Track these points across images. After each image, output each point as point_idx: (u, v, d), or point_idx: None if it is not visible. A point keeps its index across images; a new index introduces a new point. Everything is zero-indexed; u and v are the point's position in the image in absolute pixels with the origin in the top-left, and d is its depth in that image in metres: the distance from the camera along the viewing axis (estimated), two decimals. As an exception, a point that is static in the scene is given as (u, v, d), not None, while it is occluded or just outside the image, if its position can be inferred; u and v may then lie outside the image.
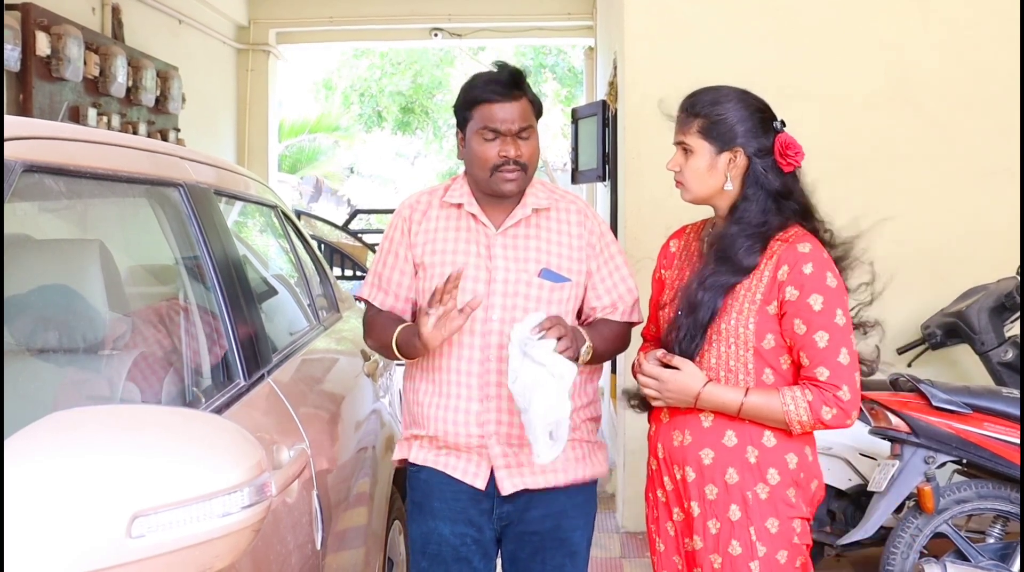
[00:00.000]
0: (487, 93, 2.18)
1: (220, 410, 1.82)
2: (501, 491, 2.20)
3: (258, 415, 1.99)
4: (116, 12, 6.75)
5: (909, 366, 4.12)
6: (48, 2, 5.62)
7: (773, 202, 2.08)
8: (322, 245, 8.58)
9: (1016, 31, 4.24)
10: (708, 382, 2.05)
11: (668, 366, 2.09)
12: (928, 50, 4.38)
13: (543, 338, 2.00)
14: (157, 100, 7.02)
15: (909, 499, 3.32)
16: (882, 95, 4.38)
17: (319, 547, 2.04)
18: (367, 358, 3.04)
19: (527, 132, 2.19)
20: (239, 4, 8.98)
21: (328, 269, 3.63)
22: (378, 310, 2.32)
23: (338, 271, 8.88)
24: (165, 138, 7.07)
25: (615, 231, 4.68)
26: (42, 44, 5.47)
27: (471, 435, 2.19)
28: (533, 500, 2.23)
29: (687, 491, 2.11)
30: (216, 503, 1.18)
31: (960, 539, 3.29)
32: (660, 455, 2.18)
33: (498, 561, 2.34)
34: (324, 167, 18.07)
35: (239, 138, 9.20)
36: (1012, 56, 4.27)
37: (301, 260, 3.23)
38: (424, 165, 21.76)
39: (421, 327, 2.07)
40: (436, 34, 9.39)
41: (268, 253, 3.38)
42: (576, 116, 7.11)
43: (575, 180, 7.22)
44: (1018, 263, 3.90)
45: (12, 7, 5.34)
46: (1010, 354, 3.85)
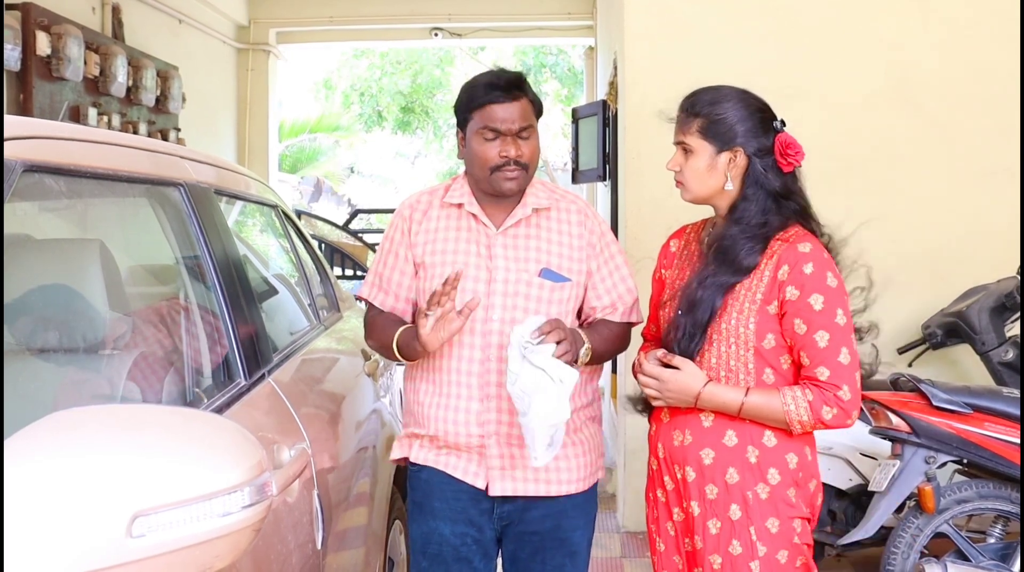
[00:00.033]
0: (488, 93, 2.18)
1: (221, 410, 1.82)
2: (490, 491, 2.20)
3: (259, 415, 1.99)
4: (116, 12, 6.75)
5: (910, 366, 4.12)
6: (48, 2, 5.62)
7: (773, 202, 2.08)
8: (322, 245, 8.58)
9: (1016, 31, 4.24)
10: (708, 382, 2.05)
11: (668, 366, 2.09)
12: (928, 50, 4.38)
13: (542, 342, 2.01)
14: (157, 100, 7.02)
15: (910, 499, 3.32)
16: (882, 95, 4.38)
17: (319, 547, 2.04)
18: (367, 358, 3.04)
19: (527, 132, 2.19)
20: (239, 4, 8.98)
21: (328, 269, 3.63)
22: (379, 311, 2.32)
23: (338, 271, 8.89)
24: (165, 138, 7.07)
25: (615, 231, 4.68)
26: (42, 44, 5.47)
27: (471, 435, 2.19)
28: (533, 500, 2.23)
29: (687, 491, 2.11)
30: (216, 503, 1.18)
31: (961, 539, 3.28)
32: (660, 455, 2.18)
33: (498, 561, 2.34)
34: (324, 167, 18.06)
35: (239, 138, 9.20)
36: (1012, 56, 4.26)
37: (301, 260, 3.23)
38: (424, 165, 21.74)
39: (420, 329, 2.07)
40: (436, 34, 9.39)
41: (268, 253, 3.38)
42: (576, 116, 7.12)
43: (575, 180, 7.22)
44: (1018, 263, 3.90)
45: (12, 7, 5.33)
46: (1010, 354, 3.84)
